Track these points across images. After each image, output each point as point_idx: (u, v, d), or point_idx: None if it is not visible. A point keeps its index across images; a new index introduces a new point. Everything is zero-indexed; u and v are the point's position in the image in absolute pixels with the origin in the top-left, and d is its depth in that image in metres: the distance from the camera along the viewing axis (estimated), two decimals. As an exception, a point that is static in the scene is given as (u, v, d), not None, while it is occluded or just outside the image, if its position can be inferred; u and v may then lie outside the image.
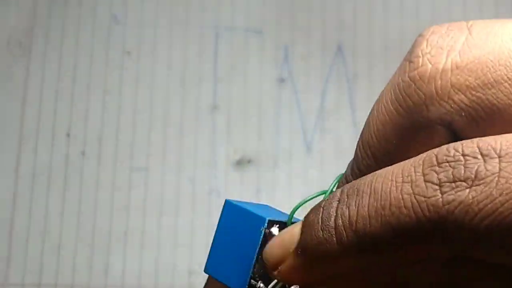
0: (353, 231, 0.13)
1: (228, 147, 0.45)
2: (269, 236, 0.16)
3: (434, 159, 0.13)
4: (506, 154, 0.12)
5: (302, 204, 0.16)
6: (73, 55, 0.47)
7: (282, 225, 0.17)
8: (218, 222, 0.17)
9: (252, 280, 0.16)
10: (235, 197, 0.44)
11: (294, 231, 0.15)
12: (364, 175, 0.14)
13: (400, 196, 0.13)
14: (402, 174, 0.13)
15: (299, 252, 0.15)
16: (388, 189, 0.13)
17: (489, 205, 0.12)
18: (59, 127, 0.46)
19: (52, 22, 0.47)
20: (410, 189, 0.13)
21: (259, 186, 0.45)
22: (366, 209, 0.13)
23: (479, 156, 0.12)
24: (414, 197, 0.12)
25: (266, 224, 0.16)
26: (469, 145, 0.12)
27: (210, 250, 0.17)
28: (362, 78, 0.46)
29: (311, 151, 0.45)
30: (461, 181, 0.12)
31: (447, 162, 0.12)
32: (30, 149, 0.45)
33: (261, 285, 0.16)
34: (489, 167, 0.12)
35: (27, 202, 0.44)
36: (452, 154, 0.12)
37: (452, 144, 0.13)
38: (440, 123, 0.13)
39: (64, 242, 0.44)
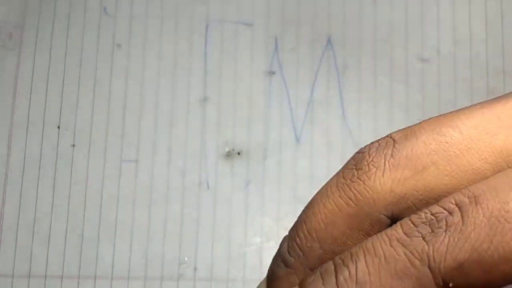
0: None
1: (218, 139, 0.45)
2: None
3: (409, 222, 0.16)
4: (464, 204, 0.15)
5: None
6: (64, 47, 0.47)
7: None
8: None
9: None
10: (225, 188, 0.45)
11: None
12: (306, 256, 0.17)
13: (397, 252, 0.15)
14: (390, 238, 0.16)
15: None
16: (385, 249, 0.15)
17: (455, 252, 0.15)
18: (50, 119, 0.46)
19: (43, 14, 0.47)
20: (402, 246, 0.15)
21: (249, 177, 0.45)
22: (367, 271, 0.15)
23: (445, 212, 0.16)
24: (409, 251, 0.15)
25: None
26: (435, 207, 0.16)
27: None
28: (351, 70, 0.46)
29: (301, 143, 0.45)
30: (438, 228, 0.15)
31: (422, 219, 0.16)
32: (20, 141, 0.45)
33: None
34: (455, 218, 0.15)
35: (17, 193, 0.44)
36: (423, 215, 0.16)
37: (418, 213, 0.16)
38: (384, 212, 0.17)
39: (54, 233, 0.44)
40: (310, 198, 0.45)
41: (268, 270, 0.20)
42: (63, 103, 0.46)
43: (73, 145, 0.45)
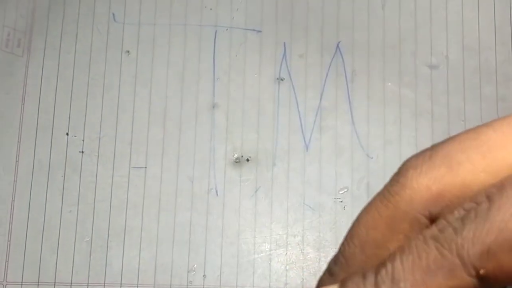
0: None
1: (227, 145, 0.45)
2: None
3: (443, 220, 0.16)
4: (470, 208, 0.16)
5: None
6: (72, 54, 0.47)
7: None
8: None
9: None
10: (234, 195, 0.45)
11: None
12: (349, 264, 0.18)
13: (429, 246, 0.16)
14: (424, 236, 0.16)
15: None
16: (418, 246, 0.16)
17: (482, 236, 0.15)
18: (58, 125, 0.46)
19: (51, 20, 0.47)
20: (434, 240, 0.16)
21: (258, 184, 0.45)
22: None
23: (475, 204, 0.16)
24: (439, 244, 0.15)
25: None
26: (468, 203, 0.16)
27: None
28: (360, 76, 0.46)
29: (310, 149, 0.45)
30: (467, 219, 0.16)
31: (455, 216, 0.16)
32: (29, 148, 0.45)
33: None
34: (483, 207, 0.16)
35: (25, 200, 0.44)
36: (456, 212, 0.16)
37: (454, 211, 0.16)
38: (422, 212, 0.17)
39: (62, 240, 0.44)
40: (319, 205, 0.45)
41: (317, 283, 0.20)
42: (71, 109, 0.46)
43: (82, 152, 0.45)
